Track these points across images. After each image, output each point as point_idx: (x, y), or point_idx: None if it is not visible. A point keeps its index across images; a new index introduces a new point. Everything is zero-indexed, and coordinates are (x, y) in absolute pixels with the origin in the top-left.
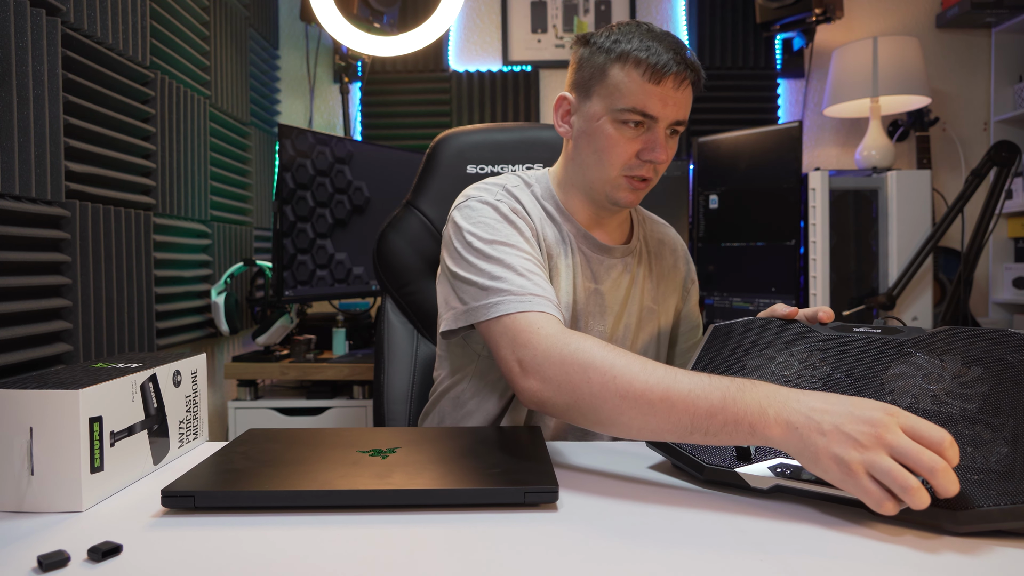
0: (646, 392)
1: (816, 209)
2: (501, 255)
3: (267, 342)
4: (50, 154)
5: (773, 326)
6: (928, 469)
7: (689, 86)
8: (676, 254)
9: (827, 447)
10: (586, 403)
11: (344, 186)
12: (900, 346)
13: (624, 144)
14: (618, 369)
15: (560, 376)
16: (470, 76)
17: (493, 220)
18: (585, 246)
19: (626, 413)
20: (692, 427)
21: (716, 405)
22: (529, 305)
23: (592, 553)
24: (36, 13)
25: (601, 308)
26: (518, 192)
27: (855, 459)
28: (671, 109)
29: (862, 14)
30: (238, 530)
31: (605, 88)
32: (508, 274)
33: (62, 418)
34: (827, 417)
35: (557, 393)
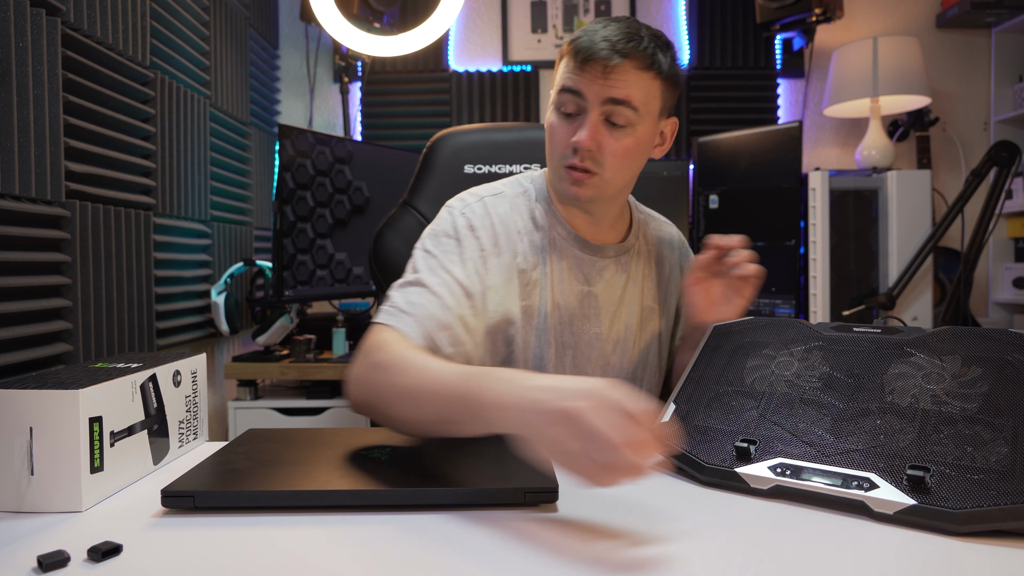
0: (412, 385)
1: (816, 209)
2: (423, 268)
3: (267, 342)
4: (50, 154)
5: (773, 326)
6: (604, 456)
7: (624, 71)
8: (677, 252)
9: (540, 431)
10: (376, 401)
11: (344, 186)
12: (900, 346)
13: (560, 130)
14: (399, 365)
15: (362, 377)
16: (470, 76)
17: (443, 234)
18: (576, 248)
19: (401, 408)
20: (448, 417)
21: (463, 394)
22: (392, 320)
23: (592, 553)
24: (36, 13)
25: (595, 310)
26: (493, 203)
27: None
28: (598, 86)
29: (862, 14)
30: (238, 530)
31: (555, 80)
32: (412, 288)
33: (62, 418)
34: (542, 396)
35: (361, 393)
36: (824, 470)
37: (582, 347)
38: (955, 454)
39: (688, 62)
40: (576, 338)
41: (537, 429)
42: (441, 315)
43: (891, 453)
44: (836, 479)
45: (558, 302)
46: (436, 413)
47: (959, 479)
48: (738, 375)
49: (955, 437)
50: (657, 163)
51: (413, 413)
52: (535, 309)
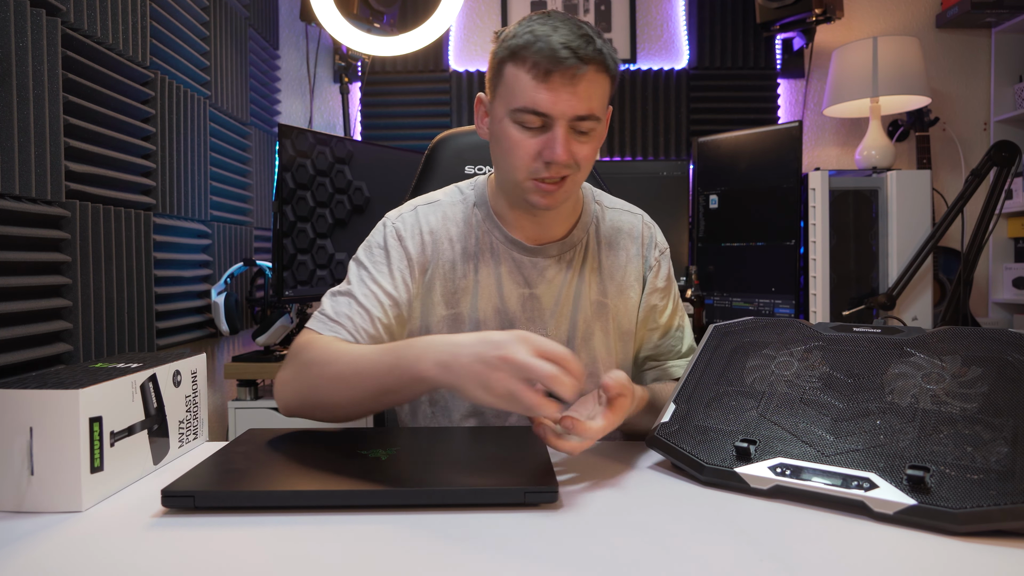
0: (344, 370)
1: (816, 209)
2: (354, 279)
3: (267, 342)
4: (50, 154)
5: (773, 326)
6: (544, 377)
7: (588, 80)
8: (637, 241)
9: (470, 376)
10: (312, 396)
11: (344, 186)
12: (900, 346)
13: (524, 145)
14: (328, 356)
15: (293, 376)
16: (470, 76)
17: (375, 245)
18: (514, 251)
19: (337, 393)
20: (381, 388)
21: (391, 364)
22: (322, 327)
23: (592, 553)
24: (36, 13)
25: (539, 311)
26: (425, 212)
27: (492, 384)
28: (565, 105)
29: (862, 14)
30: (238, 530)
31: (503, 87)
32: (342, 298)
33: (62, 418)
34: (467, 349)
35: (293, 393)
36: (824, 470)
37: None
38: (955, 454)
39: (688, 62)
40: None
41: (464, 374)
42: (367, 326)
43: (891, 453)
44: (836, 479)
45: (497, 307)
46: (371, 388)
47: (959, 479)
48: (738, 375)
49: (955, 437)
50: (657, 163)
51: (349, 394)
52: (464, 316)
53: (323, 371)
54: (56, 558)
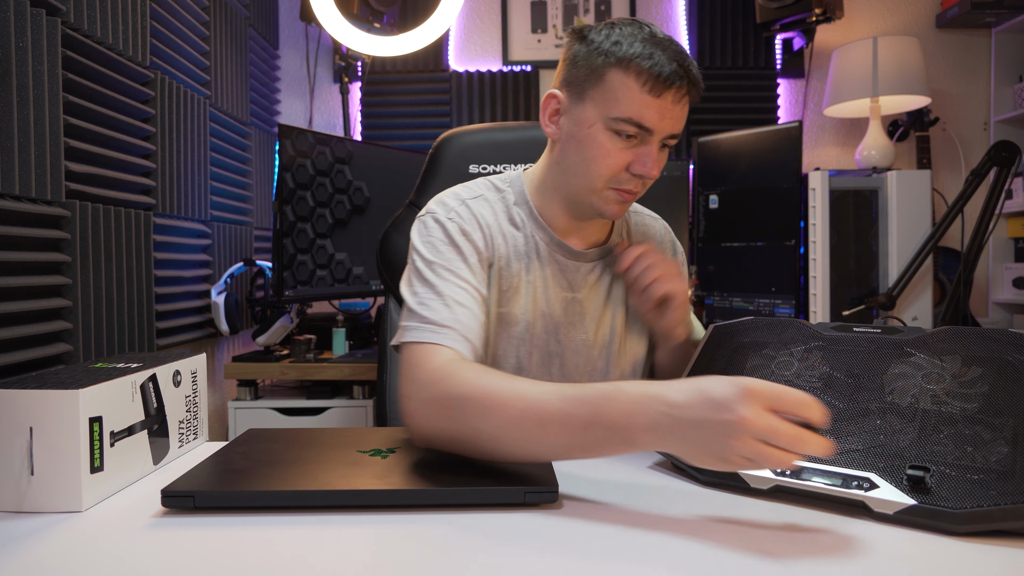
0: (519, 419)
1: (816, 209)
2: (436, 280)
3: (267, 342)
4: (50, 154)
5: (773, 326)
6: (790, 443)
7: (690, 99)
8: (662, 245)
9: (700, 445)
10: (468, 438)
11: (344, 186)
12: (900, 346)
13: (615, 155)
14: (492, 399)
15: (437, 412)
16: (470, 76)
17: (439, 241)
18: (559, 254)
19: (507, 442)
20: (571, 445)
21: (588, 420)
22: (434, 336)
23: (592, 553)
24: (36, 13)
25: (580, 316)
26: (475, 205)
27: (728, 448)
28: (668, 123)
29: (862, 14)
30: (238, 530)
31: (601, 93)
32: (434, 301)
33: (62, 418)
34: (686, 412)
35: (437, 429)
36: (824, 470)
37: (569, 355)
38: (955, 454)
39: None
40: (562, 346)
41: (689, 443)
42: (475, 326)
43: (891, 453)
44: (836, 479)
45: (543, 310)
46: (557, 443)
47: (959, 479)
48: (738, 375)
49: (955, 437)
50: None
51: (525, 445)
52: (514, 317)
53: (489, 416)
54: (56, 558)
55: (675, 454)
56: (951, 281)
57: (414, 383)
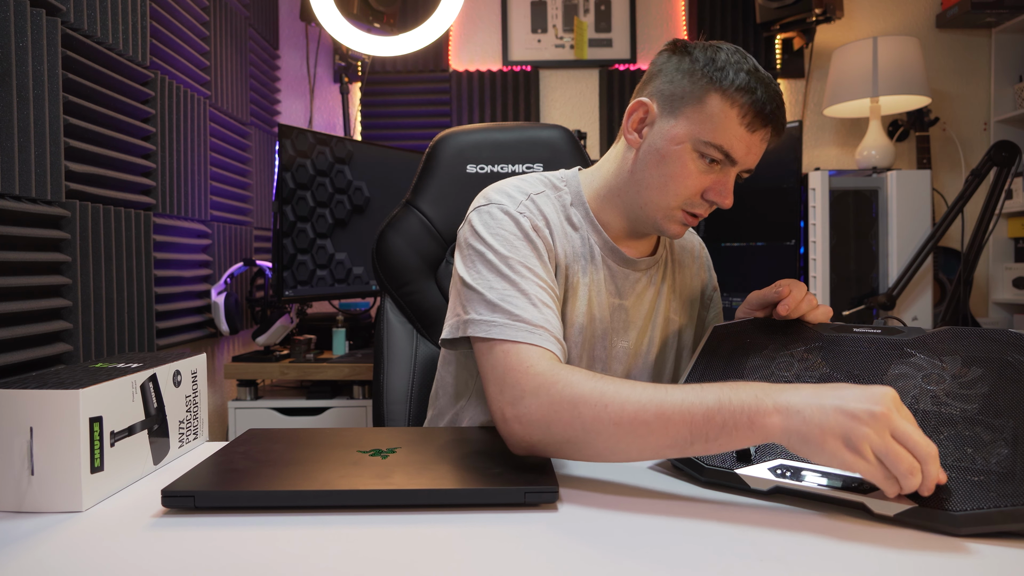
0: (639, 413)
1: (816, 209)
2: (516, 277)
3: (267, 342)
4: (50, 154)
5: (773, 327)
6: (923, 457)
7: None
8: (698, 261)
9: (832, 427)
10: (580, 439)
11: (344, 186)
12: (900, 346)
13: (696, 178)
14: (608, 398)
15: (549, 416)
16: (470, 76)
17: (512, 235)
18: (611, 259)
19: (623, 440)
20: (692, 437)
21: (712, 407)
22: (530, 337)
23: (592, 553)
24: (36, 13)
25: (625, 324)
26: (541, 201)
27: (862, 435)
28: (751, 158)
29: (862, 14)
30: (238, 530)
31: (698, 115)
32: (519, 299)
33: (62, 418)
34: (827, 400)
35: (547, 434)
36: (824, 471)
37: (611, 361)
38: (955, 455)
39: None
40: (607, 352)
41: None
42: (560, 327)
43: None
44: (836, 480)
45: (595, 314)
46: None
47: (959, 480)
48: (738, 375)
49: (955, 438)
50: None
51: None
52: (572, 319)
53: (607, 413)
54: (56, 558)
55: (799, 440)
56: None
57: (517, 388)
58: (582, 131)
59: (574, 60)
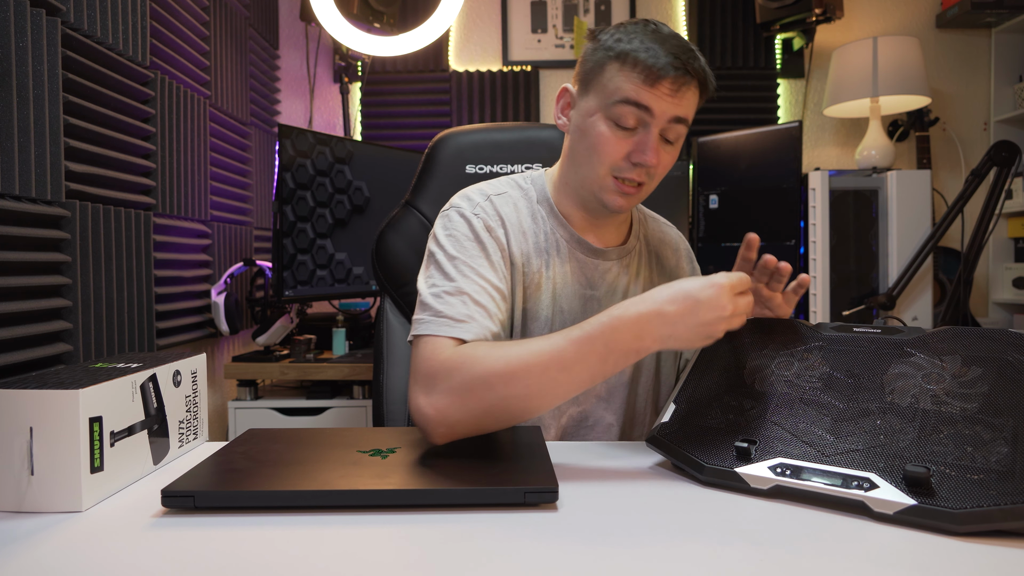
0: (544, 372)
1: (816, 209)
2: (458, 276)
3: (267, 342)
4: (50, 154)
5: (773, 326)
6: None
7: (691, 92)
8: (678, 254)
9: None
10: (496, 409)
11: (344, 186)
12: (900, 346)
13: (615, 143)
14: (513, 366)
15: (463, 395)
16: (470, 76)
17: (464, 236)
18: (579, 251)
19: (535, 399)
20: (592, 377)
21: (603, 352)
22: (448, 330)
23: (592, 553)
24: (36, 13)
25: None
26: (499, 202)
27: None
28: (664, 107)
29: (862, 14)
30: (238, 530)
31: (601, 84)
32: (453, 297)
33: (62, 418)
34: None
35: (464, 411)
36: (824, 470)
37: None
38: (955, 454)
39: None
40: None
41: (687, 340)
42: (491, 324)
43: (891, 453)
44: (836, 479)
45: (562, 307)
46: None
47: (959, 479)
48: (738, 375)
49: (955, 437)
50: None
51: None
52: (537, 314)
53: (516, 381)
54: (56, 558)
55: (676, 347)
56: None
57: (428, 378)
58: None
59: (574, 60)
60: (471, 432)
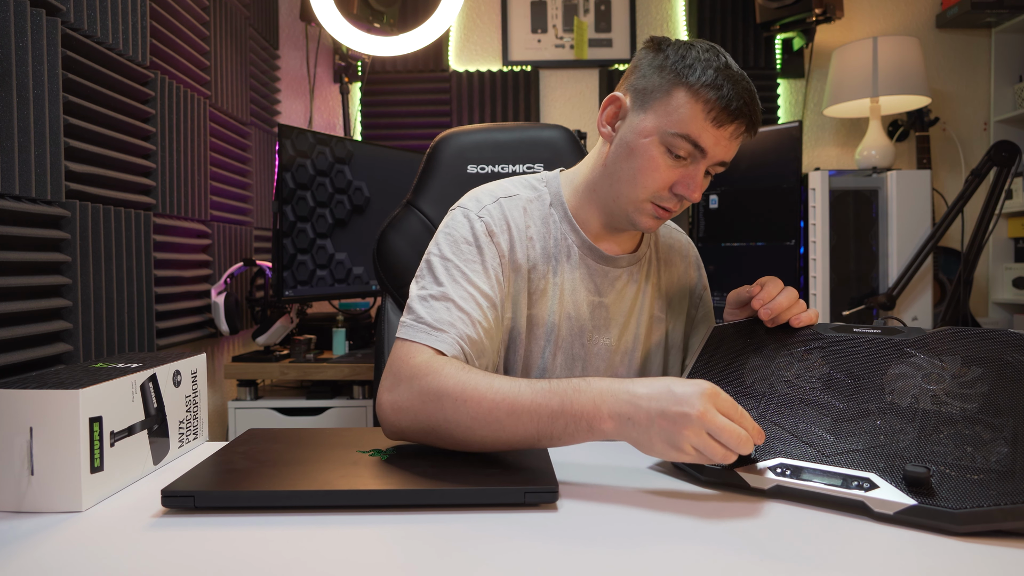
0: (493, 409)
1: (816, 209)
2: (448, 281)
3: (267, 342)
4: (50, 154)
5: (773, 327)
6: (734, 442)
7: (746, 137)
8: (687, 260)
9: (657, 432)
10: (442, 428)
11: (344, 186)
12: (900, 346)
13: (663, 171)
14: (469, 392)
15: (416, 405)
16: (470, 76)
17: (462, 239)
18: (590, 257)
19: (478, 432)
20: (539, 433)
21: (556, 410)
22: (425, 338)
23: (592, 553)
24: (36, 13)
25: (606, 321)
26: (508, 205)
27: (681, 437)
28: (720, 151)
29: (862, 14)
30: (238, 530)
31: (665, 108)
32: (437, 303)
33: (62, 418)
34: (653, 404)
35: (415, 421)
36: (824, 470)
37: (591, 359)
38: (955, 454)
39: None
40: (586, 350)
41: (648, 430)
42: (471, 332)
43: (891, 453)
44: (836, 479)
45: (569, 313)
46: (527, 432)
47: (959, 479)
48: (738, 375)
49: (955, 437)
50: None
51: (497, 434)
52: (542, 319)
53: (463, 408)
54: (56, 558)
55: (632, 441)
56: (951, 281)
57: (395, 377)
58: (582, 131)
59: (574, 60)
60: (419, 441)
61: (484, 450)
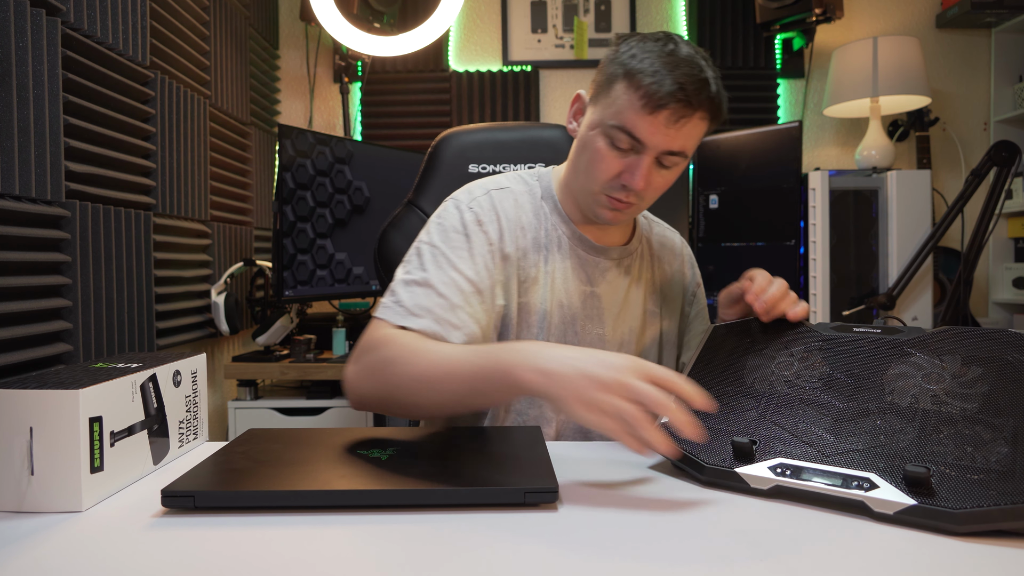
0: (430, 371)
1: (816, 209)
2: (432, 267)
3: (267, 342)
4: (50, 154)
5: (773, 326)
6: (655, 404)
7: (691, 124)
8: (680, 258)
9: (575, 390)
10: (392, 394)
11: (344, 186)
12: (900, 346)
13: (608, 162)
14: (411, 357)
15: (373, 373)
16: (470, 76)
17: (451, 228)
18: (580, 248)
19: (419, 394)
20: (471, 391)
21: (484, 366)
22: (399, 319)
23: (592, 553)
24: (36, 13)
25: (599, 311)
26: (498, 197)
27: (598, 399)
28: (661, 139)
29: (862, 14)
30: (238, 530)
31: (607, 100)
32: (418, 288)
33: (62, 418)
34: (576, 363)
35: (371, 388)
36: (824, 470)
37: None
38: (955, 454)
39: None
40: (579, 339)
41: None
42: (450, 316)
43: (891, 453)
44: (836, 479)
45: (561, 301)
46: (459, 390)
47: (959, 479)
48: (738, 375)
49: (955, 437)
50: None
51: (433, 396)
52: (533, 307)
53: (406, 370)
54: (56, 558)
55: (552, 398)
56: (951, 281)
57: (360, 349)
58: None
59: (574, 60)
60: (377, 409)
61: (430, 415)
